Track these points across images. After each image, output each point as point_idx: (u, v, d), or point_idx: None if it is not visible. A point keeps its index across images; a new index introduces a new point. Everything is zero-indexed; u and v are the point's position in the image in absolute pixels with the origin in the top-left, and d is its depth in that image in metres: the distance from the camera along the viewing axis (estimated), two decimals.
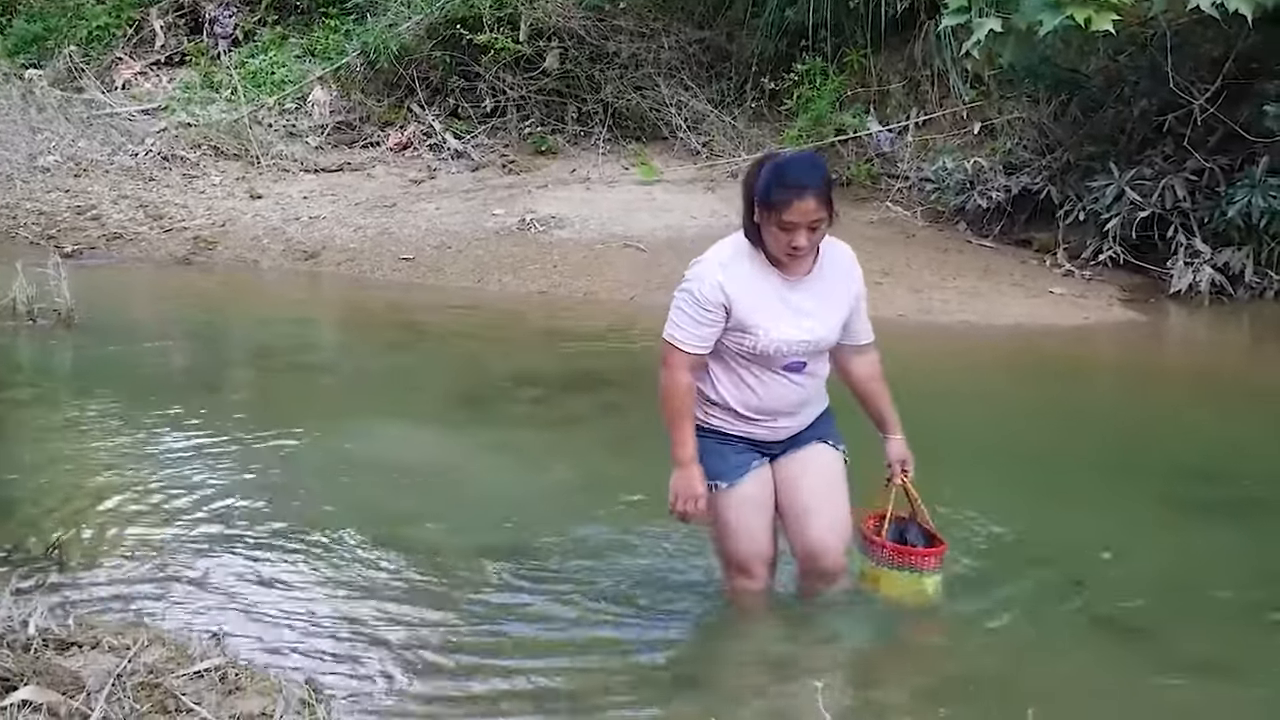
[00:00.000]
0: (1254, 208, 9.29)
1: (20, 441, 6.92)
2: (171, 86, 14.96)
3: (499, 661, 4.35)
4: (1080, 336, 8.99)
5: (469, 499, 5.95)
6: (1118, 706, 3.85)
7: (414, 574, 5.05)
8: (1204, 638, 4.49)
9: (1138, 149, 10.22)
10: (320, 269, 11.34)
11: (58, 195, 12.92)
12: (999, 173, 10.76)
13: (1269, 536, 5.40)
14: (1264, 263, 9.53)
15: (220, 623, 4.44)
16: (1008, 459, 6.19)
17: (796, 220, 3.91)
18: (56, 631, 3.91)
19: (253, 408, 7.77)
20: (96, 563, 5.04)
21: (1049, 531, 5.34)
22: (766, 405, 4.21)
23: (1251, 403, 7.55)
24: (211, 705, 3.58)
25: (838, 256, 4.25)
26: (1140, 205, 9.81)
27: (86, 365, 8.47)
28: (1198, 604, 4.75)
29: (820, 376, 4.29)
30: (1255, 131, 9.50)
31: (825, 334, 4.17)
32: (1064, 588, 4.82)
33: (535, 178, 12.92)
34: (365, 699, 4.03)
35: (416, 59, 13.78)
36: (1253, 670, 4.31)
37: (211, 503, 5.82)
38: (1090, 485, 6.02)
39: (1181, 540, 5.39)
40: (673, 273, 10.59)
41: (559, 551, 5.22)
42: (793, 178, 3.95)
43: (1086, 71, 10.63)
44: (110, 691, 3.58)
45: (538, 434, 7.01)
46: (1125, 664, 4.34)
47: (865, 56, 12.66)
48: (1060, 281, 10.05)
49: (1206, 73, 9.80)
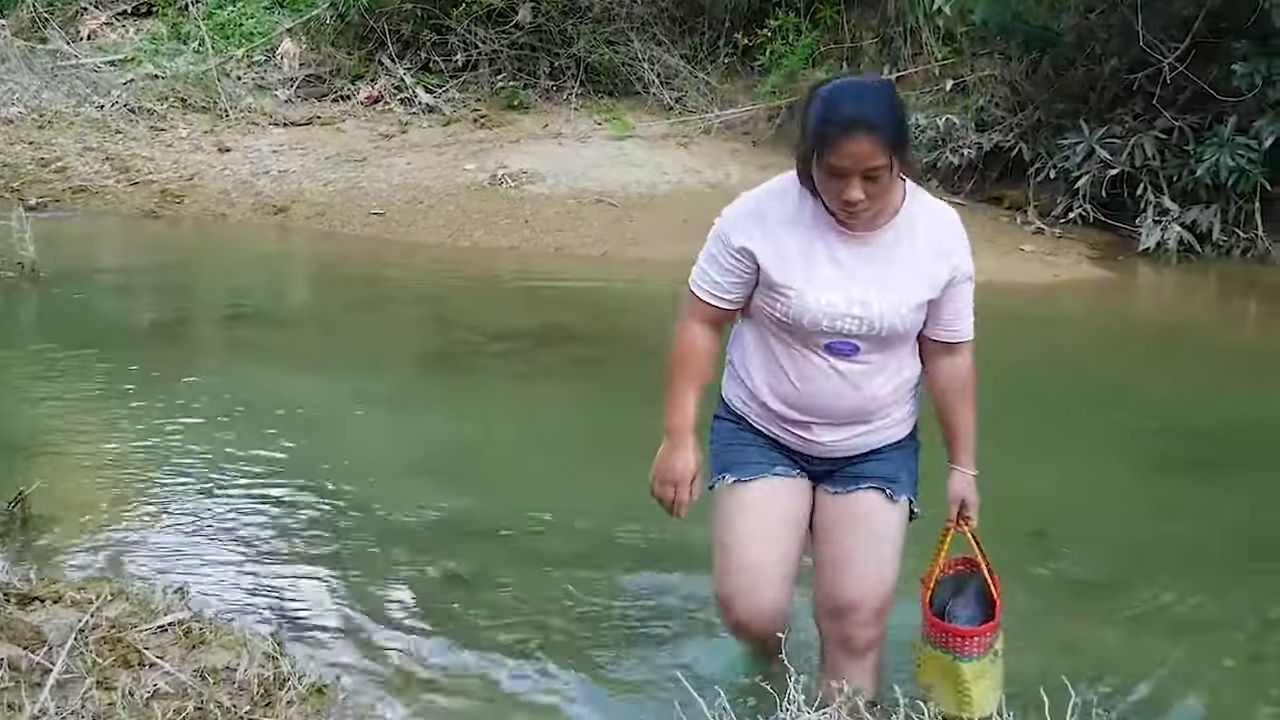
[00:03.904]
0: (1222, 167, 9.32)
1: None
2: (138, 38, 14.84)
3: (458, 611, 4.36)
4: (1050, 293, 9.03)
5: (436, 453, 5.94)
6: (1075, 653, 3.86)
7: (377, 529, 5.03)
8: (1165, 588, 4.52)
9: (1108, 107, 10.23)
10: (290, 223, 11.27)
11: (21, 147, 12.78)
12: (970, 130, 10.76)
13: (1231, 489, 5.45)
14: (1231, 221, 9.58)
15: (184, 578, 4.42)
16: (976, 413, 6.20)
17: (847, 165, 3.00)
18: (18, 586, 3.90)
19: (218, 362, 7.75)
20: (59, 517, 5.00)
21: (1015, 483, 5.35)
22: (803, 400, 3.29)
23: (1218, 360, 7.60)
24: (175, 659, 3.57)
25: (936, 220, 3.28)
26: (1110, 163, 9.84)
27: (50, 319, 8.42)
28: (1162, 556, 4.78)
29: (884, 380, 3.30)
30: (1224, 91, 9.51)
31: (884, 313, 3.18)
32: (1028, 538, 4.84)
33: (507, 133, 12.86)
34: (328, 651, 4.02)
35: (387, 11, 13.68)
36: (1217, 620, 4.35)
37: (176, 458, 5.80)
38: (1057, 439, 6.06)
39: (1145, 492, 5.43)
40: (644, 228, 10.68)
41: (523, 503, 5.19)
42: (845, 108, 3.01)
43: (1058, 29, 10.61)
44: (72, 645, 3.58)
45: (509, 387, 6.99)
46: (1086, 613, 4.37)
47: (839, 12, 12.63)
48: (1030, 239, 10.08)
49: (1176, 31, 9.80)
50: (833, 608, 3.37)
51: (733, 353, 3.46)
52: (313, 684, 3.60)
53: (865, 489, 3.36)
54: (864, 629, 3.33)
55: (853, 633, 3.34)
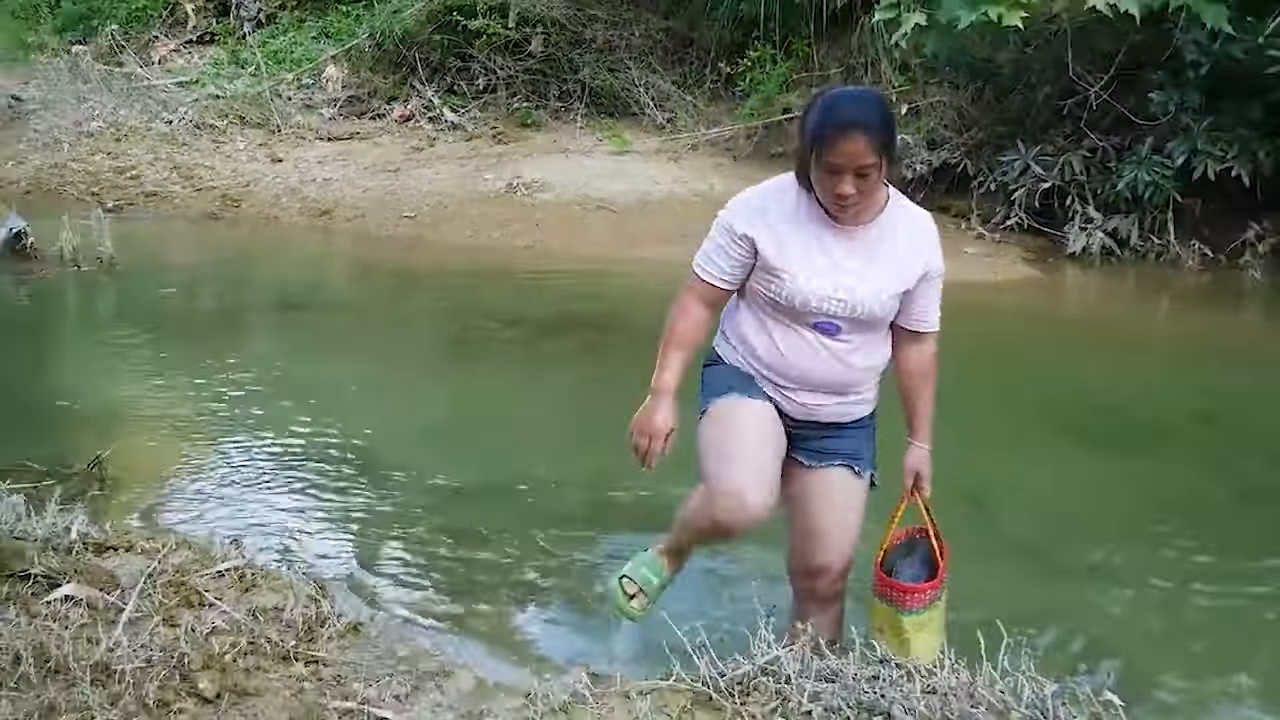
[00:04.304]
0: (1139, 182, 9.31)
1: (66, 371, 6.89)
2: (202, 63, 14.76)
3: (468, 561, 4.40)
4: (989, 291, 9.01)
5: (450, 424, 5.95)
6: (1009, 604, 3.88)
7: (401, 490, 5.06)
8: (1089, 548, 4.54)
9: (1041, 129, 10.20)
10: (332, 225, 11.24)
11: (101, 157, 12.74)
12: (923, 148, 10.73)
13: (1146, 465, 5.46)
14: (1147, 229, 9.56)
15: (239, 530, 4.44)
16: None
17: (841, 163, 3.01)
18: (95, 536, 3.90)
19: (271, 343, 7.77)
20: (131, 477, 5.03)
21: (954, 458, 5.35)
22: (792, 368, 3.29)
23: (1135, 349, 7.60)
24: (231, 600, 3.58)
25: (915, 224, 3.30)
26: (1043, 178, 9.82)
27: (125, 306, 8.40)
28: (1083, 520, 4.80)
29: (861, 360, 3.30)
30: (1142, 116, 9.50)
31: (865, 299, 3.20)
32: (963, 505, 4.82)
33: (521, 147, 12.81)
34: (362, 595, 4.03)
35: (418, 41, 13.62)
36: (1129, 575, 4.37)
37: (232, 425, 5.81)
38: (994, 418, 6.05)
39: (1070, 466, 5.43)
40: (640, 231, 10.66)
41: (525, 470, 5.20)
42: (843, 112, 3.03)
43: (999, 61, 10.59)
44: (142, 588, 3.58)
45: (522, 368, 6.99)
46: (1018, 572, 4.39)
47: (809, 45, 12.58)
48: (973, 243, 10.06)
49: (1101, 64, 9.79)
50: (804, 570, 3.41)
51: (726, 325, 3.43)
52: (349, 623, 3.60)
53: (835, 465, 3.37)
54: (830, 585, 3.38)
55: (820, 588, 3.39)
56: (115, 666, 3.19)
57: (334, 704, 3.12)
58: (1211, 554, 4.50)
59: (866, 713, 3.00)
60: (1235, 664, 3.77)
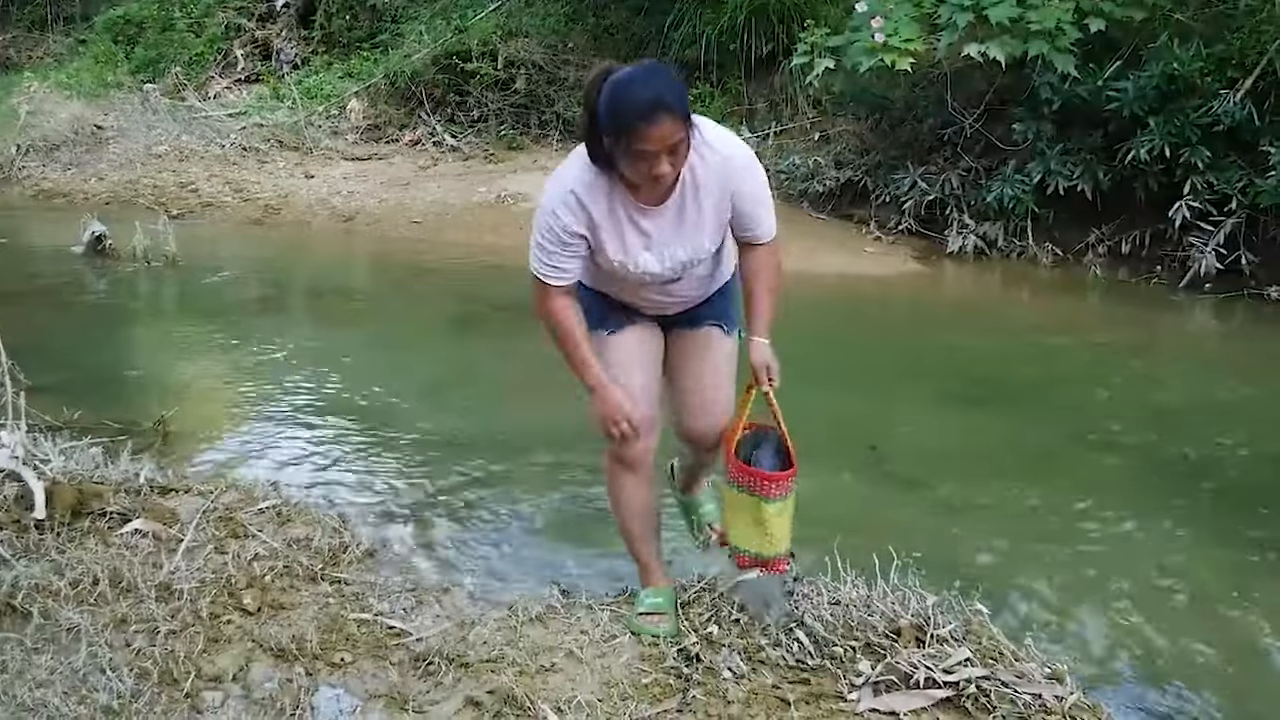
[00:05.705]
0: (1005, 195, 9.33)
1: (138, 346, 6.84)
2: (249, 97, 14.52)
3: (466, 498, 4.34)
4: (884, 283, 9.01)
5: (448, 388, 5.90)
6: (899, 532, 3.89)
7: (408, 440, 5.00)
8: (963, 486, 4.56)
9: (926, 153, 10.20)
10: (354, 229, 11.10)
11: (167, 174, 12.54)
12: (831, 167, 10.68)
13: (1010, 420, 5.49)
14: (1010, 233, 9.57)
15: (277, 475, 4.40)
16: (826, 367, 6.11)
17: (654, 148, 2.52)
18: (160, 481, 3.88)
19: (307, 322, 7.73)
20: (191, 433, 4.98)
21: (856, 414, 5.39)
22: (644, 303, 3.02)
23: (1000, 330, 7.63)
24: (270, 532, 3.57)
25: (718, 167, 2.75)
26: (927, 191, 9.82)
27: (187, 295, 8.28)
28: (959, 464, 4.82)
29: (704, 270, 2.97)
30: (1006, 142, 9.54)
31: (690, 258, 2.85)
32: (862, 450, 4.85)
33: (508, 166, 12.67)
34: (375, 527, 4.01)
35: (424, 80, 13.45)
36: (995, 508, 4.40)
37: (272, 390, 5.75)
38: (885, 382, 6.07)
39: (949, 421, 5.45)
40: None
41: (512, 426, 5.14)
42: (639, 96, 2.50)
43: (892, 98, 10.57)
44: (198, 523, 3.57)
45: (510, 340, 6.95)
46: (904, 501, 4.41)
47: (741, 84, 12.52)
48: (871, 244, 10.04)
49: (974, 101, 9.83)
50: (689, 436, 3.17)
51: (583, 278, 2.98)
52: (366, 549, 3.59)
53: (707, 325, 3.08)
54: (712, 439, 3.11)
55: (705, 443, 3.16)
56: (175, 586, 3.18)
57: (353, 615, 3.11)
58: (1061, 491, 4.53)
59: (786, 618, 3.01)
60: (1081, 578, 3.81)
